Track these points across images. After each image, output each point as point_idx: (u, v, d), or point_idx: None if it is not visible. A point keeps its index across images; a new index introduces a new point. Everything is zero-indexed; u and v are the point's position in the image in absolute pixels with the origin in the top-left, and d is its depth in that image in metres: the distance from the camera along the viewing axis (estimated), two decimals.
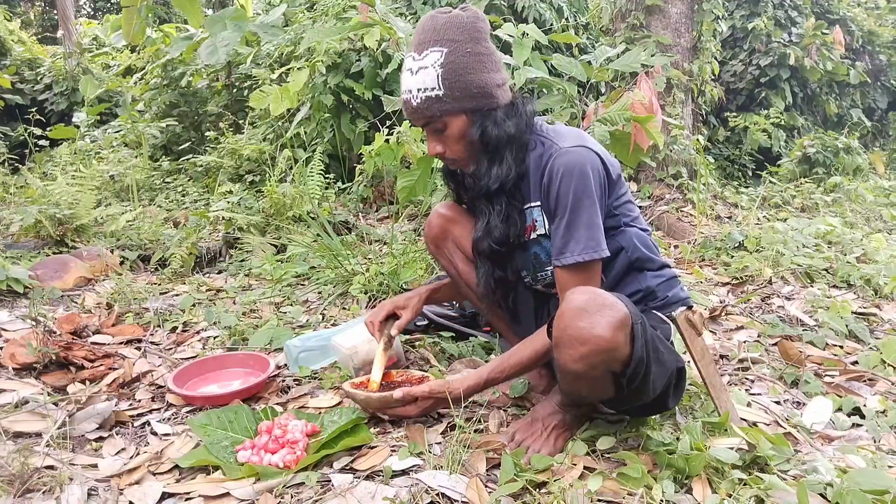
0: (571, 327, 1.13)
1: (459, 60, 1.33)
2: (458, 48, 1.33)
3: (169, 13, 10.29)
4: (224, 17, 4.85)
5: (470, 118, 1.37)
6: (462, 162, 1.44)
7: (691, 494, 1.21)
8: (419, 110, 1.35)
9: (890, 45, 8.31)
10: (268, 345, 2.08)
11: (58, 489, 1.21)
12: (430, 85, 1.33)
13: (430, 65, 1.32)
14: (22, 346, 1.83)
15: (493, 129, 1.36)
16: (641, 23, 4.38)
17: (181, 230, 3.48)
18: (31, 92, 8.25)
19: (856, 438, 1.48)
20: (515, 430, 1.42)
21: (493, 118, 1.37)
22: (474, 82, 1.34)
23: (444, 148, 1.40)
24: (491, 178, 1.38)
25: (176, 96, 5.83)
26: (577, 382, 1.25)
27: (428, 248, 1.71)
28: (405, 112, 1.39)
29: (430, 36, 1.34)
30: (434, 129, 1.38)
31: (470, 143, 1.39)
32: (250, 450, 1.34)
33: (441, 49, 1.32)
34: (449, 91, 1.33)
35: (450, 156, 1.42)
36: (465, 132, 1.38)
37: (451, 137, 1.38)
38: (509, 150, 1.38)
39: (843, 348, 2.09)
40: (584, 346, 1.12)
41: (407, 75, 1.36)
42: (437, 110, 1.34)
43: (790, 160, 6.13)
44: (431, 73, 1.32)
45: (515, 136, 1.38)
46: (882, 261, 2.98)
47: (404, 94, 1.37)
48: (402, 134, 3.13)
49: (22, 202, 3.87)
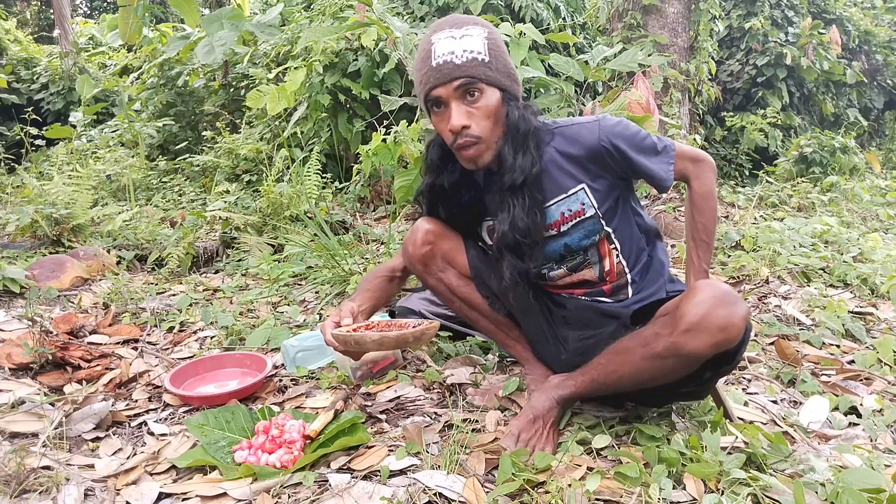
0: (713, 315, 1.18)
1: (500, 41, 1.37)
2: (496, 34, 1.37)
3: (166, 12, 10.27)
4: (221, 17, 4.86)
5: (503, 97, 1.35)
6: (483, 145, 1.35)
7: (686, 491, 1.21)
8: (462, 68, 1.30)
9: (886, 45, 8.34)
10: (265, 345, 2.08)
11: (54, 489, 1.21)
12: (479, 48, 1.31)
13: (476, 34, 1.33)
14: (18, 346, 1.83)
15: (521, 115, 1.37)
16: (638, 22, 4.39)
17: (178, 230, 3.47)
18: (28, 91, 8.24)
19: (852, 437, 1.48)
20: (520, 430, 1.40)
21: (519, 105, 1.38)
22: (511, 65, 1.38)
23: (471, 121, 1.33)
24: (517, 169, 1.36)
25: (173, 96, 5.83)
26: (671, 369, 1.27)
27: (413, 269, 1.62)
28: (435, 76, 1.31)
29: (465, 20, 1.36)
30: (468, 92, 1.32)
31: (498, 124, 1.36)
32: (247, 450, 1.34)
33: (483, 27, 1.35)
34: (493, 61, 1.33)
35: (475, 131, 1.33)
36: (496, 109, 1.34)
37: (482, 109, 1.33)
38: (532, 141, 1.39)
39: (840, 347, 2.09)
40: (722, 332, 1.18)
41: (448, 41, 1.32)
42: (482, 73, 1.31)
43: (787, 159, 6.14)
44: (479, 40, 1.32)
45: (537, 129, 1.40)
46: (878, 260, 2.99)
47: (442, 57, 1.30)
48: (400, 133, 3.13)
49: (18, 202, 3.87)
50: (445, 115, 1.34)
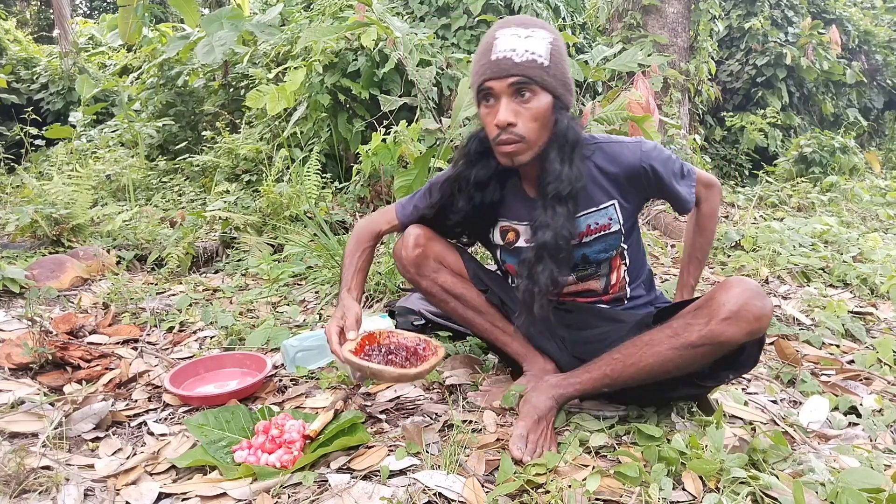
0: (750, 305, 1.25)
1: (563, 49, 1.40)
2: (560, 42, 1.40)
3: (165, 12, 10.27)
4: (221, 17, 4.86)
5: (554, 104, 1.38)
6: (525, 144, 1.37)
7: (685, 491, 1.21)
8: (520, 67, 1.32)
9: (886, 45, 8.34)
10: (265, 344, 2.08)
11: (54, 489, 1.21)
12: (541, 52, 1.34)
13: (540, 37, 1.36)
14: (18, 346, 1.83)
15: (570, 125, 1.40)
16: (638, 22, 4.39)
17: (178, 230, 3.47)
18: (28, 91, 8.24)
19: (852, 437, 1.48)
20: (527, 432, 1.38)
21: (570, 116, 1.41)
22: (568, 74, 1.40)
23: (518, 119, 1.35)
24: (564, 179, 1.38)
25: (172, 96, 5.82)
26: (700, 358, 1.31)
27: (406, 273, 1.63)
28: (496, 69, 1.33)
29: (534, 22, 1.40)
30: (520, 91, 1.34)
31: (544, 128, 1.38)
32: (247, 450, 1.34)
33: (550, 33, 1.38)
34: (552, 67, 1.35)
35: (520, 130, 1.35)
36: (545, 113, 1.36)
37: (531, 111, 1.35)
38: (578, 155, 1.41)
39: (840, 347, 2.09)
40: (758, 322, 1.25)
41: (512, 38, 1.34)
42: (538, 76, 1.33)
43: (787, 159, 6.14)
44: (543, 44, 1.35)
45: (583, 141, 1.44)
46: (878, 260, 2.99)
47: (502, 52, 1.33)
48: (399, 133, 3.13)
49: (18, 202, 3.86)
50: (494, 108, 1.36)
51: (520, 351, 1.65)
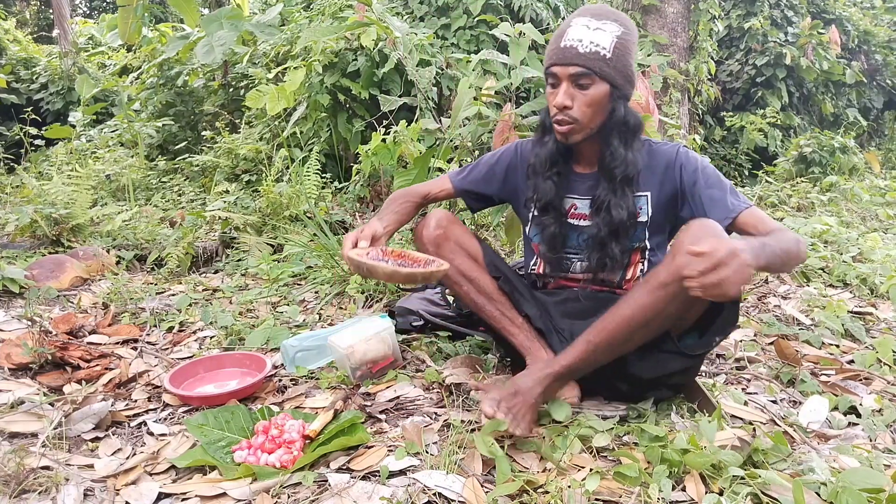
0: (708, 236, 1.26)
1: (629, 42, 1.50)
2: (631, 34, 1.50)
3: (165, 12, 10.27)
4: (220, 17, 4.85)
5: (612, 92, 1.49)
6: (578, 126, 1.49)
7: (686, 492, 1.21)
8: (583, 57, 1.45)
9: (885, 45, 8.34)
10: (264, 344, 2.08)
11: (54, 490, 1.21)
12: (605, 44, 1.45)
13: (608, 31, 1.47)
14: (18, 346, 1.82)
15: (631, 113, 1.52)
16: (638, 22, 4.39)
17: (177, 230, 3.47)
18: (27, 91, 8.24)
19: (852, 437, 1.48)
20: (501, 398, 1.40)
21: (627, 105, 1.53)
22: (631, 67, 1.50)
23: (574, 103, 1.47)
24: (629, 163, 1.51)
25: (172, 96, 5.82)
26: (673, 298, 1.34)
27: (423, 251, 1.65)
28: (561, 55, 1.46)
29: (609, 13, 1.51)
30: (579, 81, 1.46)
31: (598, 113, 1.50)
32: (247, 450, 1.34)
33: (620, 27, 1.49)
34: (615, 59, 1.46)
35: (574, 114, 1.48)
36: (601, 100, 1.48)
37: (588, 97, 1.47)
38: (637, 140, 1.54)
39: (840, 347, 2.09)
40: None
41: (582, 29, 1.47)
42: (598, 67, 1.45)
43: (786, 159, 6.14)
44: (609, 37, 1.46)
45: (642, 128, 1.55)
46: (878, 260, 2.99)
47: (570, 41, 1.46)
48: (399, 133, 3.13)
49: (18, 202, 3.86)
50: (556, 91, 1.50)
51: (525, 344, 1.64)
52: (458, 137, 2.95)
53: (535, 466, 1.31)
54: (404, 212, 1.72)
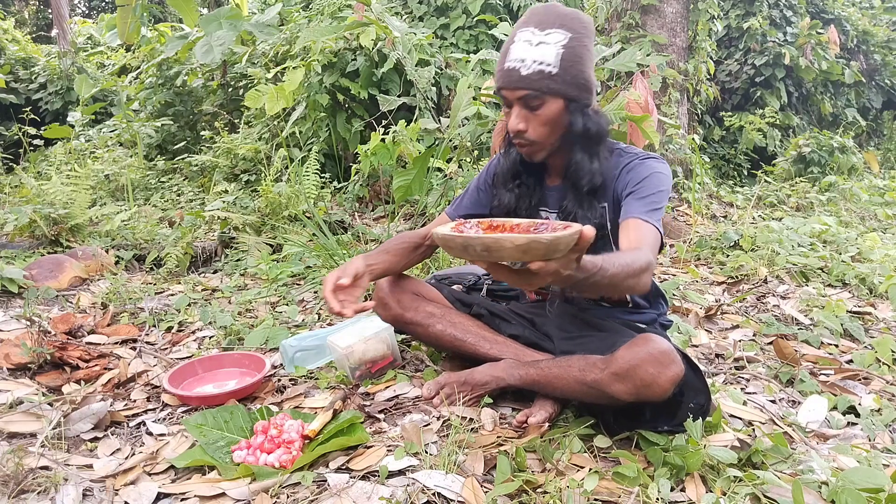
0: (642, 369, 1.24)
1: (578, 49, 1.38)
2: (579, 38, 1.38)
3: (164, 12, 10.26)
4: (219, 17, 4.85)
5: (567, 106, 1.40)
6: (537, 146, 1.44)
7: (685, 493, 1.21)
8: (526, 80, 1.36)
9: (884, 45, 8.35)
10: (263, 344, 2.07)
11: (53, 490, 1.21)
12: (548, 61, 1.35)
13: (552, 42, 1.36)
14: (16, 346, 1.82)
15: (592, 123, 1.42)
16: (637, 22, 4.39)
17: (176, 230, 3.47)
18: (26, 91, 8.23)
19: (851, 437, 1.48)
20: (444, 383, 1.48)
21: (588, 113, 1.42)
22: (583, 73, 1.39)
23: (528, 126, 1.40)
24: (595, 173, 1.43)
25: (171, 95, 5.82)
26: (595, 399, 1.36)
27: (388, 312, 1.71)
28: (505, 79, 1.39)
29: (555, 19, 1.38)
30: (529, 104, 1.39)
31: (555, 130, 1.42)
32: (246, 450, 1.34)
33: (566, 33, 1.37)
34: (562, 73, 1.36)
35: (530, 136, 1.41)
36: (556, 117, 1.40)
37: (540, 118, 1.39)
38: (603, 147, 1.45)
39: (838, 347, 2.09)
40: (646, 388, 1.24)
41: (524, 46, 1.37)
42: (545, 86, 1.36)
43: (785, 159, 6.15)
44: (552, 50, 1.35)
45: (606, 135, 1.46)
46: (877, 260, 2.99)
47: (512, 63, 1.37)
48: (398, 133, 3.13)
49: (16, 202, 3.86)
50: (510, 113, 1.43)
51: (517, 354, 1.63)
52: (458, 137, 2.95)
53: (534, 466, 1.31)
54: (397, 252, 1.68)
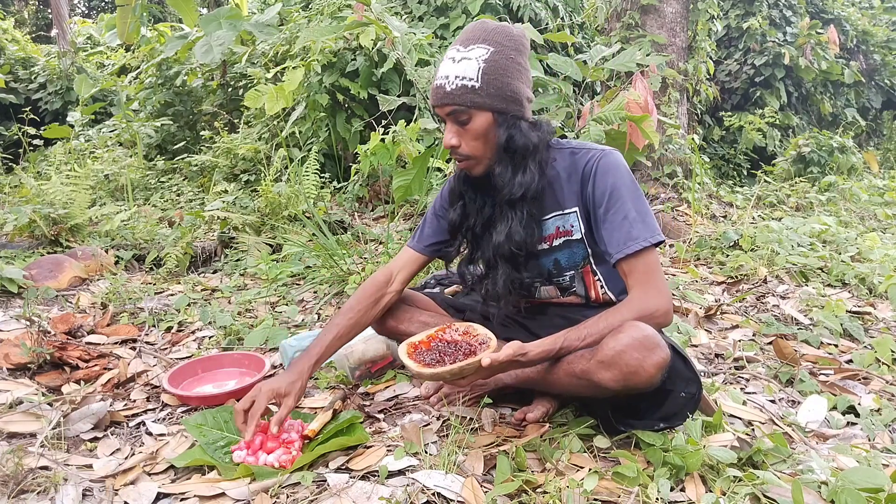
0: (627, 355, 1.22)
1: (501, 62, 1.38)
2: (503, 51, 1.38)
3: (164, 12, 10.26)
4: (219, 16, 4.85)
5: (496, 119, 1.39)
6: (473, 160, 1.44)
7: (684, 493, 1.21)
8: (451, 95, 1.37)
9: (884, 45, 8.35)
10: (263, 344, 2.08)
11: (52, 490, 1.21)
12: (469, 75, 1.36)
13: (473, 57, 1.37)
14: (16, 346, 1.82)
15: (518, 135, 1.40)
16: (637, 22, 4.39)
17: (176, 230, 3.47)
18: (25, 91, 8.23)
19: (850, 437, 1.48)
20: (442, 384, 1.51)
21: (519, 126, 1.41)
22: (510, 86, 1.39)
23: (461, 142, 1.41)
24: (515, 185, 1.41)
25: (171, 95, 5.82)
26: (586, 389, 1.32)
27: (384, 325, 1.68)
28: (434, 97, 1.40)
29: (479, 35, 1.40)
30: (457, 119, 1.39)
31: (488, 144, 1.41)
32: (246, 450, 1.34)
33: (488, 47, 1.38)
34: (485, 86, 1.36)
35: (464, 151, 1.42)
36: (486, 131, 1.40)
37: (471, 132, 1.40)
38: (532, 160, 1.42)
39: (838, 347, 2.09)
40: (633, 375, 1.22)
41: (448, 63, 1.40)
42: (469, 101, 1.37)
43: (785, 159, 6.15)
44: (473, 65, 1.37)
45: (538, 147, 1.43)
46: (876, 260, 2.99)
47: (439, 80, 1.39)
48: (398, 133, 3.13)
49: (16, 202, 3.85)
50: (445, 130, 1.43)
51: None
52: None
53: (534, 466, 1.31)
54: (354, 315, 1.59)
